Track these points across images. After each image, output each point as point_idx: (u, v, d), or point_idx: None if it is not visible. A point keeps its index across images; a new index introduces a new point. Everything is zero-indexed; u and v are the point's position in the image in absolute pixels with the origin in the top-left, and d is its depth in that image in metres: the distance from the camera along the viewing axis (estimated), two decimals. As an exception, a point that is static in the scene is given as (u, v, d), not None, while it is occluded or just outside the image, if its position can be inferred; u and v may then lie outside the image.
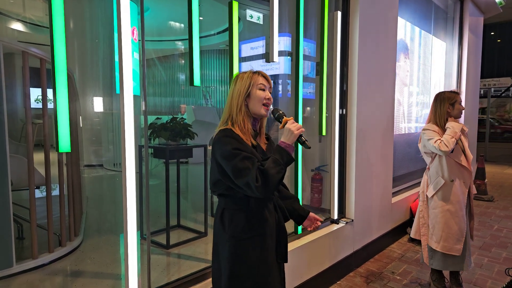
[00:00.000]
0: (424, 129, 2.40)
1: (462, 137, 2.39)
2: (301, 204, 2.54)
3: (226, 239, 1.31)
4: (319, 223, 1.52)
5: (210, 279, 1.89)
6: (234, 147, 1.22)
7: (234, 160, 1.20)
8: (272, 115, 1.37)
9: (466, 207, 2.41)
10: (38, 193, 2.31)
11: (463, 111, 2.40)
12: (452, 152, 2.30)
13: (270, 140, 1.46)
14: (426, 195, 2.46)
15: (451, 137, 2.22)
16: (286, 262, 1.42)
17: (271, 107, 1.37)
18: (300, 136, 1.28)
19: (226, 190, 1.31)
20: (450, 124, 2.29)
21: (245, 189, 1.21)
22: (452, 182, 2.35)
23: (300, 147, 2.45)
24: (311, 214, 1.53)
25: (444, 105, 2.37)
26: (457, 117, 2.37)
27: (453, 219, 2.33)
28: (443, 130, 2.35)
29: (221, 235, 1.33)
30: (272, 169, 1.19)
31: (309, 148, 1.30)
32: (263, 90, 1.32)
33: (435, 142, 2.26)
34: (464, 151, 2.38)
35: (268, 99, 1.33)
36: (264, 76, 1.35)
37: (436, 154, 2.38)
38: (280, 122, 1.33)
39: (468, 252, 2.39)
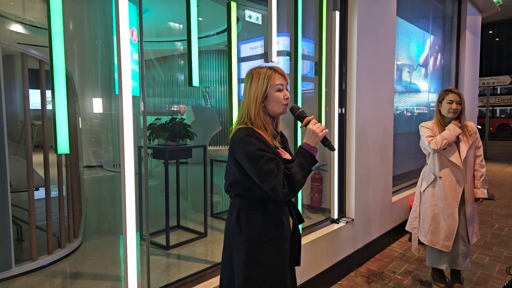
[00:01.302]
0: (420, 126, 2.49)
1: (463, 136, 2.38)
2: (300, 204, 2.54)
3: (242, 242, 1.26)
4: None
5: (210, 280, 1.90)
6: (258, 148, 1.18)
7: (259, 162, 1.16)
8: (291, 113, 1.32)
9: (461, 207, 2.37)
10: (38, 194, 2.30)
11: (458, 110, 2.33)
12: (444, 149, 2.35)
13: (283, 136, 1.43)
14: (420, 190, 2.55)
15: (443, 139, 2.29)
16: (299, 265, 1.40)
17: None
18: (324, 137, 1.25)
19: (244, 190, 1.27)
20: (451, 127, 2.32)
21: (270, 193, 1.18)
22: (440, 179, 2.39)
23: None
24: None
25: (436, 104, 2.45)
26: (447, 115, 2.36)
27: (441, 214, 2.38)
28: (439, 127, 2.39)
29: (236, 237, 1.28)
30: (298, 174, 1.18)
31: (334, 150, 1.28)
32: (281, 90, 1.27)
33: (427, 137, 2.36)
34: (459, 149, 2.37)
35: (287, 98, 1.29)
36: (281, 74, 1.29)
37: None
38: (301, 121, 1.28)
39: (463, 252, 2.38)
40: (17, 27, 6.67)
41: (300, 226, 2.49)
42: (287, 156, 1.30)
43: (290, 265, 1.36)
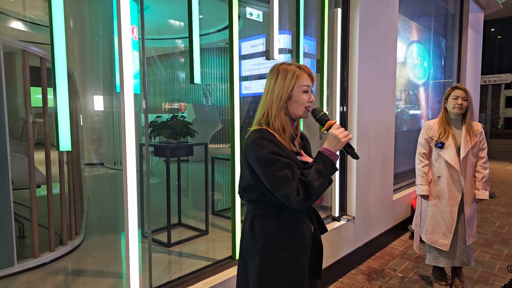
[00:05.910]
0: (423, 125, 2.52)
1: (466, 136, 2.35)
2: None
3: (256, 250, 1.20)
4: None
5: (211, 277, 1.90)
6: (272, 151, 1.10)
7: (272, 168, 1.08)
8: (312, 115, 1.24)
9: (461, 207, 2.36)
10: (40, 192, 2.31)
11: (464, 105, 2.34)
12: (442, 148, 2.36)
13: (304, 139, 1.34)
14: None
15: (419, 178, 2.46)
16: (320, 279, 1.30)
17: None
18: (347, 144, 1.16)
19: (257, 196, 1.20)
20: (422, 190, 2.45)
21: (283, 200, 1.10)
22: (439, 178, 2.40)
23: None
24: None
25: (442, 101, 2.48)
26: (452, 111, 2.37)
27: (440, 214, 2.40)
28: (443, 124, 2.40)
29: (251, 245, 1.22)
30: (316, 181, 1.09)
31: (358, 158, 1.18)
32: (307, 92, 1.20)
33: (419, 149, 2.50)
34: (458, 149, 2.35)
35: (311, 102, 1.21)
36: (310, 74, 1.21)
37: (432, 149, 2.48)
38: (322, 125, 1.21)
39: (462, 250, 2.38)
40: (17, 25, 6.67)
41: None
42: (307, 159, 1.22)
43: (309, 278, 1.27)
